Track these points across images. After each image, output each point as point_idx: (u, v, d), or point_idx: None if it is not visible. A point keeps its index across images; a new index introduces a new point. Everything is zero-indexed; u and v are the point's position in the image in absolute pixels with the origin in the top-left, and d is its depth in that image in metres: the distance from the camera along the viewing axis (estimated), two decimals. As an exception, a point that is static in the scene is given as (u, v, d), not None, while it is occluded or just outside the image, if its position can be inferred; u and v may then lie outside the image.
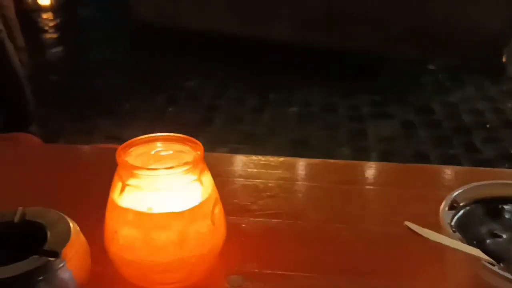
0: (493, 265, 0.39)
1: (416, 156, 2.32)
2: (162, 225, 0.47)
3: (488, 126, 2.61)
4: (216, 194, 0.51)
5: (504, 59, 3.21)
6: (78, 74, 3.30)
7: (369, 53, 3.20)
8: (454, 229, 0.43)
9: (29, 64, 3.06)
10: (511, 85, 3.06)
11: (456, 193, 0.46)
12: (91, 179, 0.67)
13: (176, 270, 0.49)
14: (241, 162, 0.74)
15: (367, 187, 0.67)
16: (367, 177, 0.71)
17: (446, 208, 0.45)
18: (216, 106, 2.80)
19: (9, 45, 2.06)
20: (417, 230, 0.38)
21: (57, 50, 3.77)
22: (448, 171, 0.72)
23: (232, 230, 0.58)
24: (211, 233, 0.49)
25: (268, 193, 0.66)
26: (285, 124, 2.63)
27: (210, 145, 2.34)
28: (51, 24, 4.22)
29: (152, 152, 0.50)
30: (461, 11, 3.09)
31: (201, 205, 0.48)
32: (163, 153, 0.50)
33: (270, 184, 0.68)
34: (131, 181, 0.47)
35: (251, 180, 0.69)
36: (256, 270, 0.53)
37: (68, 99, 2.86)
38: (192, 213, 0.48)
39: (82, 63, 3.54)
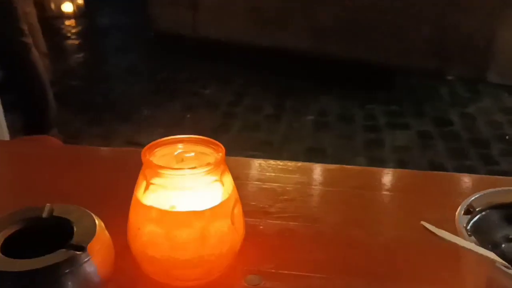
0: (508, 268, 0.39)
1: (432, 167, 2.31)
2: (184, 223, 0.49)
3: (507, 137, 2.59)
4: (236, 195, 0.53)
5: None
6: (98, 80, 3.36)
7: (385, 64, 3.20)
8: (469, 233, 0.44)
9: (52, 70, 3.14)
10: (530, 97, 3.04)
11: (473, 198, 0.47)
12: (114, 179, 0.69)
13: (196, 267, 0.50)
14: (259, 166, 0.76)
15: (384, 192, 0.68)
16: (384, 183, 0.71)
17: (462, 213, 0.45)
18: (233, 113, 2.83)
19: (34, 51, 2.11)
20: (433, 230, 0.39)
21: (79, 56, 3.85)
22: (465, 179, 0.72)
23: (250, 231, 0.59)
24: (230, 232, 0.51)
25: (285, 197, 0.68)
26: (301, 132, 2.64)
27: (227, 152, 2.34)
28: (73, 30, 4.31)
29: (175, 153, 0.52)
30: (479, 22, 3.08)
31: (221, 204, 0.50)
32: (186, 155, 0.52)
33: (287, 188, 0.69)
34: (155, 180, 0.49)
35: (269, 183, 0.71)
36: (273, 270, 0.55)
37: (88, 104, 2.91)
38: (213, 212, 0.49)
39: (102, 69, 3.60)
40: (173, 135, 0.54)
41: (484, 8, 3.05)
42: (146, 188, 0.49)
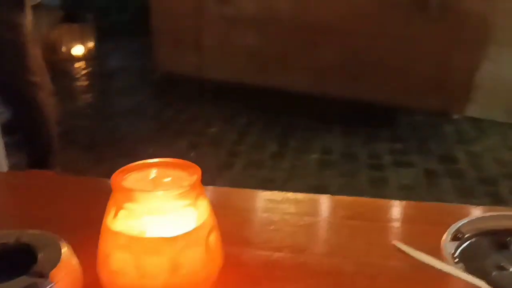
0: (496, 296, 0.36)
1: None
2: (154, 250, 0.46)
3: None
4: (212, 222, 0.50)
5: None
6: (105, 119, 3.39)
7: (388, 102, 3.20)
8: (456, 260, 0.41)
9: (59, 110, 3.18)
10: (537, 135, 3.00)
11: (461, 223, 0.44)
12: (90, 207, 0.67)
13: (168, 298, 0.47)
14: (247, 196, 0.73)
15: (373, 223, 0.65)
16: (373, 213, 0.68)
17: (449, 238, 0.42)
18: (236, 152, 2.82)
19: (41, 91, 2.14)
20: (405, 250, 0.36)
21: (87, 96, 3.91)
22: (462, 209, 0.69)
23: (232, 261, 0.56)
24: (205, 261, 0.48)
25: (272, 227, 0.65)
26: (305, 171, 2.61)
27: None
28: (83, 72, 4.39)
29: (150, 178, 0.50)
30: (485, 63, 3.09)
31: (195, 231, 0.47)
32: (160, 179, 0.50)
33: (274, 218, 0.67)
34: (125, 205, 0.47)
35: (255, 213, 0.68)
36: (253, 303, 0.51)
37: (94, 143, 2.93)
38: (185, 239, 0.47)
39: (109, 109, 3.64)
40: None
41: (489, 47, 3.07)
42: (116, 213, 0.47)
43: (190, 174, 0.49)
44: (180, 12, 3.83)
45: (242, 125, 3.15)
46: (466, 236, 0.44)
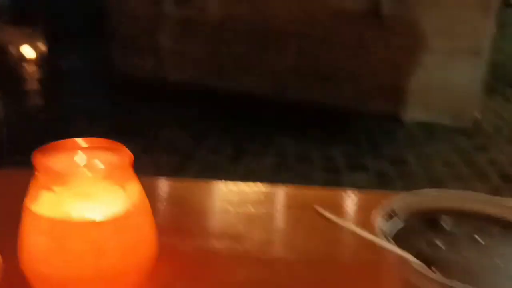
0: (424, 268, 0.36)
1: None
2: (79, 235, 0.44)
3: (463, 177, 2.62)
4: (145, 207, 0.48)
5: (476, 115, 3.30)
6: (57, 121, 3.28)
7: (342, 107, 3.26)
8: (388, 236, 0.41)
9: (6, 111, 3.05)
10: (484, 139, 3.12)
11: (394, 202, 0.44)
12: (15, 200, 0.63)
13: (95, 285, 0.45)
14: (186, 186, 0.71)
15: (313, 211, 0.64)
16: (314, 202, 0.68)
17: (381, 216, 0.42)
18: (191, 155, 2.78)
19: None
20: (326, 215, 0.35)
21: (37, 98, 3.77)
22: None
23: (169, 250, 0.54)
24: (135, 246, 0.46)
25: (211, 216, 0.63)
26: (260, 174, 2.60)
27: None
28: (35, 75, 4.24)
29: (77, 159, 0.48)
30: (433, 70, 3.20)
31: (124, 215, 0.45)
32: (88, 160, 0.48)
33: (214, 208, 0.65)
34: (48, 187, 0.44)
35: (195, 203, 0.66)
36: (188, 291, 0.50)
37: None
38: (113, 223, 0.44)
39: (61, 111, 3.53)
40: None
41: (438, 55, 3.18)
42: (37, 195, 0.44)
43: (121, 157, 0.47)
44: (137, 15, 3.78)
45: (198, 129, 3.12)
46: (399, 214, 0.44)
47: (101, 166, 0.46)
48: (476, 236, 0.42)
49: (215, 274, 0.53)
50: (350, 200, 0.69)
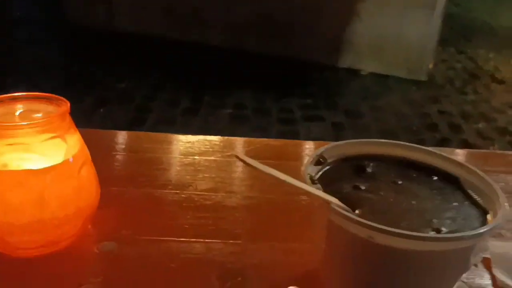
0: (344, 209, 0.39)
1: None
2: (18, 183, 0.44)
3: (414, 128, 2.72)
4: (84, 156, 0.49)
5: (430, 67, 3.38)
6: (5, 74, 3.14)
7: (299, 59, 3.27)
8: (315, 181, 0.43)
9: None
10: (436, 91, 3.22)
11: (323, 149, 0.47)
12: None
13: (36, 233, 0.46)
14: (132, 138, 0.72)
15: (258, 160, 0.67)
16: (257, 152, 0.71)
17: (310, 162, 0.45)
18: (148, 108, 2.75)
19: None
20: (246, 160, 0.37)
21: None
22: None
23: (112, 199, 0.56)
24: (76, 194, 0.47)
25: (157, 166, 0.65)
26: (218, 126, 2.62)
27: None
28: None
29: (15, 111, 0.48)
30: (388, 22, 3.23)
31: (63, 164, 0.46)
32: (27, 112, 0.48)
33: (160, 158, 0.67)
34: (-15, 137, 0.44)
35: (141, 154, 0.68)
36: (131, 236, 0.52)
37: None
38: (52, 172, 0.45)
39: (10, 63, 3.38)
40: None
41: (393, 7, 3.20)
42: (-26, 146, 0.44)
43: (58, 107, 0.47)
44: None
45: (154, 81, 3.07)
46: (328, 161, 0.47)
47: (38, 116, 0.46)
48: (396, 180, 0.45)
49: (159, 220, 0.55)
50: (289, 149, 0.72)
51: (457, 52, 3.99)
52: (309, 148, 0.74)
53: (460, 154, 0.77)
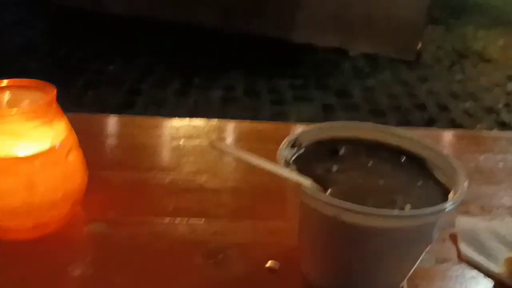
0: (315, 191, 0.42)
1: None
2: (8, 170, 0.47)
3: (401, 108, 2.76)
4: (72, 141, 0.51)
5: (419, 46, 3.40)
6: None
7: (290, 40, 3.27)
8: (290, 163, 0.46)
9: None
10: (425, 71, 3.24)
11: (299, 133, 0.49)
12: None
13: (26, 217, 0.48)
14: (121, 122, 0.74)
15: (241, 143, 0.69)
16: (236, 135, 0.73)
17: (285, 146, 0.47)
18: (138, 90, 2.76)
19: None
20: (221, 148, 0.40)
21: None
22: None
23: (102, 183, 0.58)
24: (63, 179, 0.49)
25: (144, 150, 0.67)
26: (208, 107, 2.63)
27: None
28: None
29: (3, 98, 0.49)
30: (377, 2, 3.23)
31: (51, 149, 0.48)
32: (14, 99, 0.49)
33: (145, 142, 0.69)
34: (-26, 126, 0.46)
35: (126, 138, 0.70)
36: (118, 218, 0.54)
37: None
38: (41, 158, 0.47)
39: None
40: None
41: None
42: (-36, 134, 0.46)
43: (44, 94, 0.49)
44: None
45: (143, 63, 3.07)
46: (303, 144, 0.49)
47: (25, 103, 0.48)
48: (366, 161, 0.48)
49: (145, 202, 0.57)
50: (276, 132, 0.74)
51: (446, 30, 4.00)
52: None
53: (439, 135, 0.80)
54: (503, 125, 2.65)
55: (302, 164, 0.46)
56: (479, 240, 0.53)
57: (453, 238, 0.53)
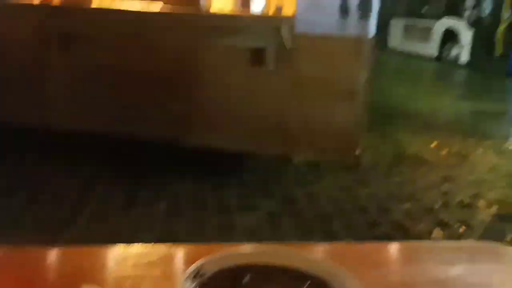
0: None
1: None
2: None
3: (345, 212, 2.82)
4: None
5: (357, 152, 3.57)
6: None
7: (234, 150, 3.36)
8: (191, 296, 0.46)
9: None
10: (363, 174, 3.38)
11: (202, 262, 0.50)
12: None
13: None
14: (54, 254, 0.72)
15: (158, 269, 0.69)
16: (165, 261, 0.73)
17: (189, 276, 0.47)
18: (80, 206, 2.69)
19: None
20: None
21: None
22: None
23: None
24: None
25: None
26: (153, 221, 2.59)
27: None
28: None
29: None
30: (317, 113, 3.43)
31: None
32: None
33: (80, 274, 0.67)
34: None
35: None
36: None
37: None
38: None
39: None
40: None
41: (320, 99, 3.42)
42: None
43: None
44: (23, 62, 3.65)
45: (86, 177, 3.04)
46: (207, 274, 0.49)
47: None
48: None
49: None
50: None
51: (381, 137, 4.26)
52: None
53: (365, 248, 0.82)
54: (443, 225, 2.73)
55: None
56: None
57: None
